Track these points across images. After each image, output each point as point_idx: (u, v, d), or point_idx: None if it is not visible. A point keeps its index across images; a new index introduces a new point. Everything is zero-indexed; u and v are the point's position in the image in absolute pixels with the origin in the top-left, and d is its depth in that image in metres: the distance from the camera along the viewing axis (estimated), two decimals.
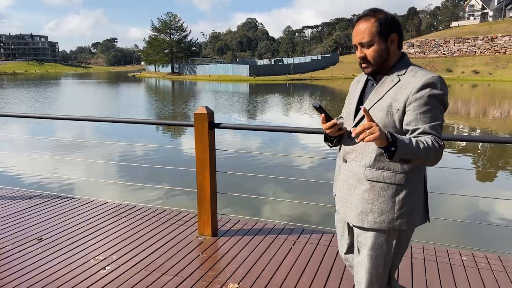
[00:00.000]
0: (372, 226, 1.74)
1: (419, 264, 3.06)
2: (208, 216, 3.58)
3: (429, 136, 1.57)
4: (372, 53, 1.70)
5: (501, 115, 22.15)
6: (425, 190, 1.80)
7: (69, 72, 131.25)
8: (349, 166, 1.81)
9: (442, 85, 1.64)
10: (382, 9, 1.72)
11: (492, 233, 5.67)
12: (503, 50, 63.03)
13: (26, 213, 4.15)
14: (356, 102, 1.84)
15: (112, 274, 2.93)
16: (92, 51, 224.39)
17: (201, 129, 3.46)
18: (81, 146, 12.11)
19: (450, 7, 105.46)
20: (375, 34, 1.68)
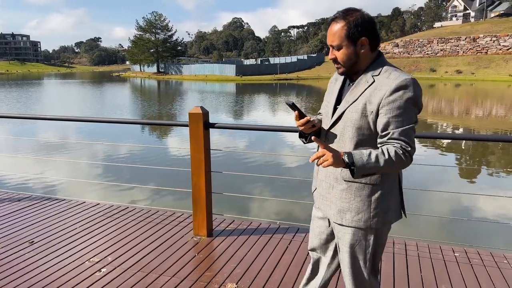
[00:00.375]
0: (350, 224, 1.80)
1: (413, 261, 3.10)
2: (203, 216, 3.57)
3: (395, 144, 1.61)
4: (341, 55, 1.72)
5: (483, 114, 22.62)
6: (400, 190, 1.85)
7: (52, 72, 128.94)
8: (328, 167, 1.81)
9: (415, 87, 1.63)
10: (356, 10, 1.71)
11: (482, 229, 5.79)
12: (485, 50, 64.29)
13: (16, 215, 4.07)
14: (334, 101, 1.86)
15: (108, 276, 2.90)
16: (75, 51, 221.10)
17: (196, 129, 3.44)
18: (67, 147, 11.94)
19: (433, 7, 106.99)
20: (344, 38, 1.69)
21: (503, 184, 8.63)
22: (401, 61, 72.49)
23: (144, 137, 14.87)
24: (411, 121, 1.63)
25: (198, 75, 68.38)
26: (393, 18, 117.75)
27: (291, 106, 1.75)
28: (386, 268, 2.99)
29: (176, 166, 8.32)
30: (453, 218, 6.07)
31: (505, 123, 18.76)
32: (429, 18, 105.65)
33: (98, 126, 15.71)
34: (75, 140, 13.10)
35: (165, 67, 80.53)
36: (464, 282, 2.80)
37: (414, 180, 8.51)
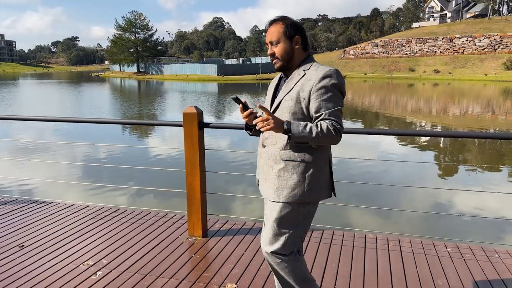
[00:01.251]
0: (286, 200, 2.00)
1: (409, 257, 3.16)
2: (198, 216, 3.54)
3: (327, 121, 1.89)
4: (279, 50, 2.02)
5: (460, 113, 23.20)
6: (330, 170, 2.09)
7: (28, 72, 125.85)
8: (267, 150, 2.08)
9: (338, 76, 1.96)
10: (289, 17, 2.05)
11: (471, 224, 5.93)
12: (461, 50, 65.95)
13: (3, 219, 3.95)
14: (271, 95, 2.16)
15: (105, 278, 2.84)
16: (52, 50, 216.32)
17: (190, 129, 3.42)
18: (48, 148, 11.66)
19: (411, 8, 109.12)
20: (281, 34, 2.01)
21: (486, 179, 8.85)
22: (381, 61, 73.67)
23: (125, 137, 14.67)
24: (338, 104, 1.94)
25: (179, 75, 67.88)
26: (372, 18, 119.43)
27: (235, 100, 1.92)
28: (383, 265, 3.03)
29: (166, 167, 8.23)
30: (442, 214, 6.20)
31: (481, 121, 19.31)
32: (407, 18, 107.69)
33: (82, 127, 15.41)
34: (57, 141, 12.81)
35: (146, 67, 79.64)
36: (459, 277, 2.86)
37: (400, 176, 8.67)
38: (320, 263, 3.07)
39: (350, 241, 3.44)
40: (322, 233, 3.62)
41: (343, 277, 2.87)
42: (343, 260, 3.12)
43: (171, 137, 14.50)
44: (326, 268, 3.00)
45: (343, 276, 2.88)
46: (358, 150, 11.63)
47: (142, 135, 14.98)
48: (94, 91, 43.14)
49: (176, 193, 6.39)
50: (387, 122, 19.22)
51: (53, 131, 15.31)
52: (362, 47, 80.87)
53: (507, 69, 55.95)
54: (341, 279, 2.84)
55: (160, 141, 13.84)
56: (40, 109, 23.83)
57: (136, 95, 37.25)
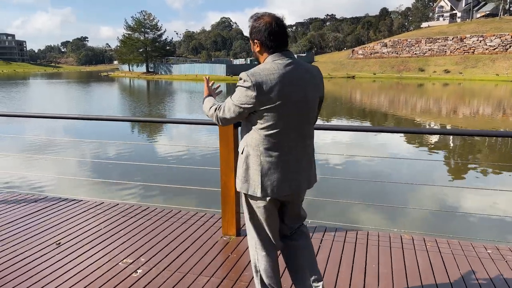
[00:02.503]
0: (237, 188, 2.21)
1: (449, 258, 3.11)
2: (232, 215, 3.53)
3: (220, 106, 2.16)
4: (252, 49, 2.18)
5: (470, 113, 22.99)
6: (262, 170, 2.06)
7: (38, 72, 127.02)
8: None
9: (244, 79, 2.01)
10: (259, 18, 2.09)
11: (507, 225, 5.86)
12: (471, 50, 65.30)
13: (37, 217, 3.98)
14: None
15: (146, 276, 2.84)
16: (61, 50, 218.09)
17: (226, 128, 3.40)
18: (75, 146, 11.74)
19: (420, 8, 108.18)
20: (250, 36, 2.15)
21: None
22: (390, 60, 73.20)
23: (134, 135, 14.73)
24: (234, 98, 2.05)
25: (188, 75, 68.05)
26: (381, 18, 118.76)
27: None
28: (424, 266, 2.99)
29: (185, 164, 8.23)
30: (473, 214, 6.12)
31: (492, 122, 19.12)
32: (416, 18, 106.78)
33: (101, 125, 15.51)
34: (83, 138, 12.88)
35: (155, 67, 79.96)
36: (504, 279, 2.81)
37: (418, 175, 8.59)
38: (359, 264, 3.04)
39: (387, 242, 3.41)
40: (356, 233, 3.59)
41: (386, 278, 2.84)
42: (382, 260, 3.09)
43: (179, 135, 14.55)
44: (367, 268, 2.97)
45: (386, 277, 2.84)
46: (371, 150, 11.56)
47: (152, 133, 15.05)
48: (107, 91, 43.43)
49: (202, 191, 6.34)
50: (396, 123, 19.10)
51: (78, 128, 15.42)
52: (371, 47, 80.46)
53: None
54: (383, 280, 2.81)
55: (168, 139, 13.88)
56: (52, 109, 24.02)
57: (147, 95, 37.43)
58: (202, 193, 6.46)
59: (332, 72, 70.61)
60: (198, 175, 7.87)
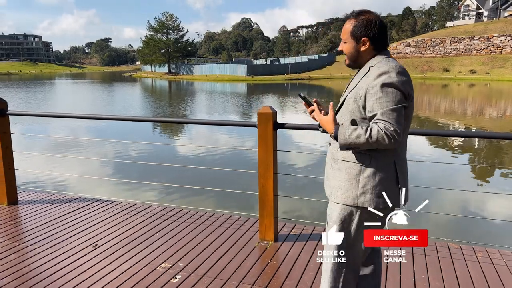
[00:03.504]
0: (339, 201, 1.93)
1: (504, 270, 2.93)
2: (270, 220, 3.43)
3: (378, 124, 1.72)
4: (346, 48, 1.95)
5: (497, 115, 22.26)
6: (397, 176, 1.88)
7: (63, 72, 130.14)
8: (330, 148, 2.04)
9: (397, 73, 1.77)
10: (369, 13, 1.91)
11: None
12: (499, 50, 63.40)
13: (72, 217, 3.97)
14: (343, 92, 2.06)
15: (186, 282, 2.77)
16: (86, 51, 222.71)
17: (265, 130, 3.30)
18: (102, 145, 11.87)
19: (445, 7, 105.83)
20: (349, 34, 1.92)
21: None
22: (413, 61, 71.82)
23: (155, 135, 14.80)
24: (392, 103, 1.74)
25: (209, 75, 68.39)
26: (404, 17, 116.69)
27: (302, 97, 1.98)
28: (477, 278, 2.82)
29: (213, 166, 8.18)
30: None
31: None
32: (441, 17, 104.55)
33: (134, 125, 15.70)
34: (99, 138, 13.04)
35: (176, 67, 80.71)
36: None
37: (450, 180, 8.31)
38: (407, 276, 2.88)
39: (433, 251, 3.24)
40: None
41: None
42: (431, 272, 2.93)
43: (200, 135, 14.54)
44: (416, 281, 2.82)
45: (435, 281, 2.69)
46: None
47: (172, 133, 15.11)
48: (132, 91, 44.05)
49: (235, 194, 6.24)
50: (420, 124, 18.64)
51: (108, 128, 15.64)
52: (394, 47, 79.10)
53: None
54: None
55: (191, 140, 13.90)
56: (81, 110, 24.48)
57: (174, 95, 37.78)
58: (231, 195, 6.37)
59: (354, 72, 69.72)
60: (222, 177, 7.81)
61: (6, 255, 3.18)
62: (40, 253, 3.22)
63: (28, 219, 3.95)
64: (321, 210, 6.24)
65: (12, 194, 4.39)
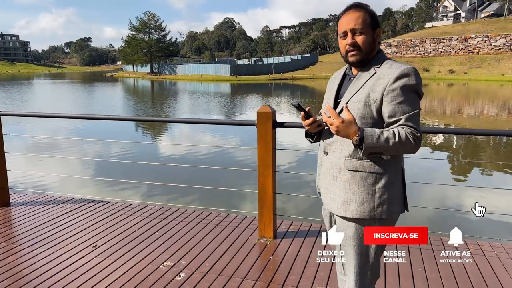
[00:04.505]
0: (354, 215, 1.77)
1: None
2: (269, 217, 3.48)
3: (404, 128, 1.64)
4: (363, 40, 1.76)
5: (475, 113, 22.88)
6: (403, 180, 1.85)
7: (42, 72, 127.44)
8: (330, 157, 1.84)
9: (416, 75, 1.70)
10: (367, 5, 1.82)
11: None
12: (476, 50, 65.01)
13: (68, 218, 3.94)
14: (334, 95, 1.90)
15: (190, 280, 2.79)
16: (65, 51, 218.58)
17: (264, 129, 3.36)
18: (95, 145, 11.71)
19: (424, 8, 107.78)
20: (367, 23, 1.76)
21: None
22: None
23: (138, 135, 14.70)
24: (415, 107, 1.69)
25: (192, 75, 68.06)
26: (385, 18, 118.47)
27: (297, 107, 1.75)
28: (501, 273, 2.93)
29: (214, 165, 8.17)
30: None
31: (497, 122, 19.03)
32: (420, 18, 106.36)
33: (125, 125, 15.49)
34: (108, 139, 12.86)
35: (159, 67, 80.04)
36: None
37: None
38: (405, 269, 2.97)
39: (428, 244, 3.34)
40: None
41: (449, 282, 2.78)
42: (428, 264, 3.03)
43: (187, 135, 14.50)
44: (414, 274, 2.91)
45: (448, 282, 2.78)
46: None
47: (168, 133, 15.03)
48: (114, 91, 43.42)
49: (229, 193, 6.25)
50: None
51: (97, 128, 15.41)
52: None
53: None
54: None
55: (183, 139, 13.86)
56: (64, 110, 24.05)
57: (160, 95, 37.42)
58: (225, 194, 6.39)
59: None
60: (217, 176, 7.81)
61: (4, 257, 3.15)
62: (39, 254, 3.20)
63: (23, 220, 3.90)
64: (318, 207, 6.33)
65: (4, 196, 4.33)
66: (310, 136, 1.98)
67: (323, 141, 1.90)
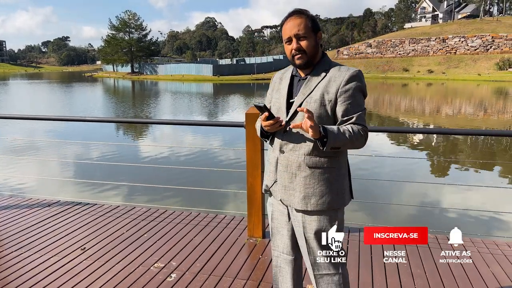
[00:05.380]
0: (315, 208, 1.91)
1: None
2: (258, 217, 3.52)
3: (356, 125, 1.81)
4: (307, 44, 1.87)
5: (452, 113, 23.48)
6: (349, 172, 2.03)
7: (18, 72, 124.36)
8: (287, 156, 1.94)
9: (363, 78, 1.89)
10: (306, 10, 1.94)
11: None
12: (454, 51, 66.52)
13: (55, 221, 3.90)
14: (285, 96, 1.98)
15: (182, 281, 2.81)
16: (42, 50, 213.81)
17: (253, 129, 3.39)
18: (84, 147, 11.51)
19: (403, 8, 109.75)
20: (309, 28, 1.87)
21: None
22: (375, 61, 74.05)
23: (120, 137, 14.56)
24: (363, 107, 1.88)
25: (174, 75, 67.53)
26: (365, 18, 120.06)
27: (261, 108, 1.81)
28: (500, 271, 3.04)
29: (194, 166, 8.16)
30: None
31: (474, 121, 19.58)
32: (399, 19, 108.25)
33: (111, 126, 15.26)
34: (93, 141, 12.65)
35: (140, 67, 79.11)
36: None
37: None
38: (403, 266, 3.06)
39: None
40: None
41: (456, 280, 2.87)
42: (424, 258, 3.12)
43: (173, 136, 14.43)
44: (412, 269, 3.00)
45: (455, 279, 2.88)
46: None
47: (154, 134, 14.91)
48: (96, 92, 42.73)
49: (216, 193, 6.25)
50: (380, 122, 19.37)
51: (74, 129, 15.15)
52: (356, 47, 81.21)
53: (499, 69, 56.56)
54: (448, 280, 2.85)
55: (152, 140, 13.79)
56: (40, 112, 23.54)
57: (141, 96, 36.99)
58: (212, 195, 6.39)
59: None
60: (202, 177, 7.81)
61: None
62: (27, 258, 3.16)
63: (7, 224, 3.84)
64: None
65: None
66: (266, 136, 2.06)
67: (278, 140, 1.98)
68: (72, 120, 4.26)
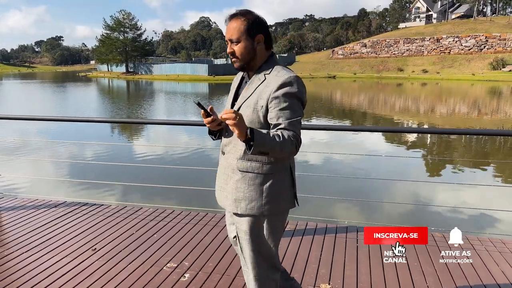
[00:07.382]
0: (244, 212, 1.91)
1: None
2: None
3: (286, 132, 1.73)
4: (239, 49, 1.85)
5: (447, 112, 23.65)
6: (292, 178, 1.97)
7: (11, 72, 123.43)
8: (226, 158, 1.97)
9: (299, 84, 1.80)
10: (253, 12, 1.88)
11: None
12: (448, 50, 66.96)
13: (63, 222, 3.89)
14: (232, 97, 2.02)
15: (196, 281, 2.83)
16: (35, 50, 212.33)
17: None
18: (49, 147, 11.46)
19: (397, 9, 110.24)
20: (243, 32, 1.83)
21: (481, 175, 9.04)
22: (370, 61, 74.33)
23: (114, 137, 14.52)
24: (296, 114, 1.78)
25: (169, 75, 67.33)
26: (360, 18, 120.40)
27: (198, 105, 1.79)
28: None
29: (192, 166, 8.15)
30: None
31: (468, 120, 19.74)
32: (394, 19, 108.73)
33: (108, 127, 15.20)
34: (92, 141, 12.59)
35: (135, 67, 78.80)
36: None
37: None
38: (402, 264, 3.09)
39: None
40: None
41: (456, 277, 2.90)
42: (421, 254, 3.15)
43: (163, 137, 14.41)
44: (410, 267, 3.03)
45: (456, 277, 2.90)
46: (349, 149, 11.74)
47: (155, 135, 14.87)
48: (90, 92, 42.47)
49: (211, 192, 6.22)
50: (375, 122, 19.47)
51: (84, 130, 15.07)
52: (351, 47, 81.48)
53: (493, 69, 57.01)
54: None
55: (145, 140, 13.76)
56: (38, 112, 23.36)
57: (135, 96, 36.81)
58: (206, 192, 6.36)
59: (313, 72, 71.13)
60: (211, 177, 7.78)
61: (1, 264, 3.09)
62: (37, 260, 3.16)
63: (15, 226, 3.83)
64: (314, 206, 6.41)
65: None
66: (213, 133, 2.06)
67: (222, 141, 2.01)
68: (72, 121, 4.26)
